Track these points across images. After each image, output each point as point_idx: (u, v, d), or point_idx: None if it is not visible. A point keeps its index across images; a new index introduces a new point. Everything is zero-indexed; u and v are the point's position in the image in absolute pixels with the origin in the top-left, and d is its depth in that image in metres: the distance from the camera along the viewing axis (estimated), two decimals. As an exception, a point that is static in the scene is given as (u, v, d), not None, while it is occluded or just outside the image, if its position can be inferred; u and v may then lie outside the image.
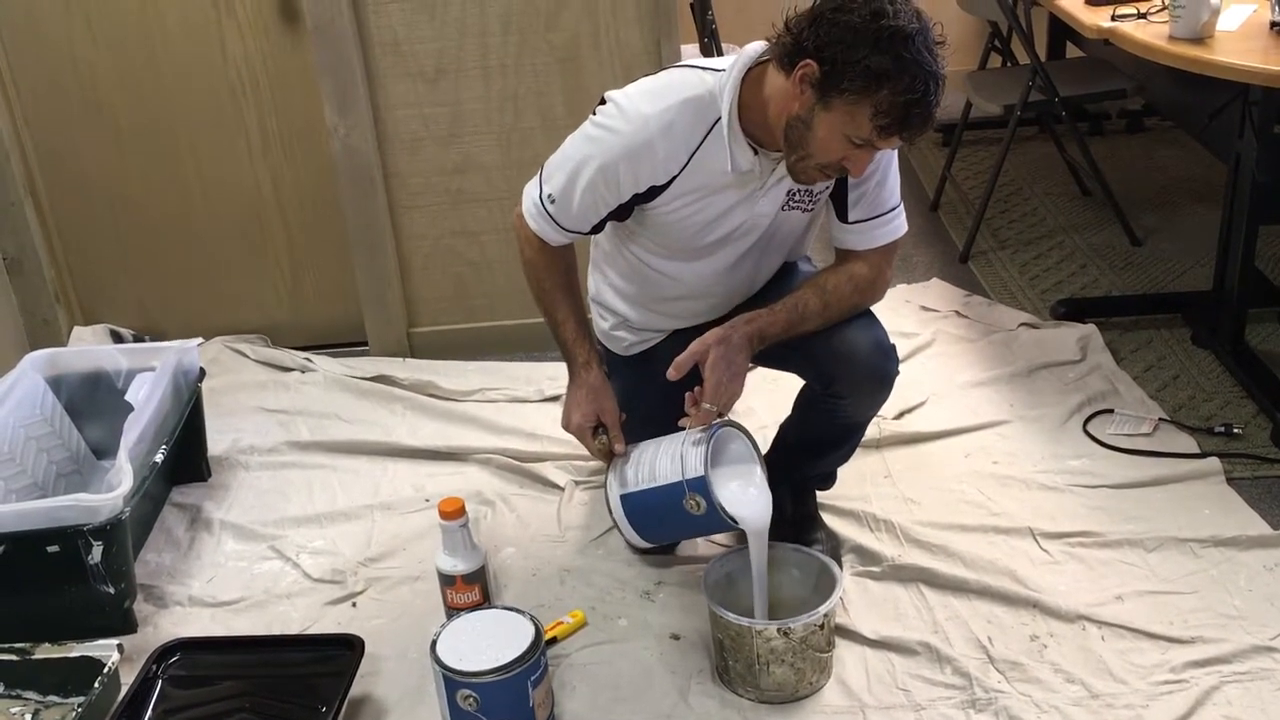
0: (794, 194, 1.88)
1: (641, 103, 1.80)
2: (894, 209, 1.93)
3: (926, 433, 2.50)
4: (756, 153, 1.80)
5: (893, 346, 1.95)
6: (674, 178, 1.82)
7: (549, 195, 1.89)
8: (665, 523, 1.92)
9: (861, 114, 1.64)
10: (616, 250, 2.04)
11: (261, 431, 2.67)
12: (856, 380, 1.92)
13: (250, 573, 2.24)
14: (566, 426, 1.98)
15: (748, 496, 1.85)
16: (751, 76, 1.77)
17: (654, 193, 1.84)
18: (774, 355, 1.95)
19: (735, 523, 1.82)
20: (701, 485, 1.81)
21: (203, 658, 1.96)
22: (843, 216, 1.92)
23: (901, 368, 1.99)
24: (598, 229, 1.93)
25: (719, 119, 1.78)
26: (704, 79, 1.80)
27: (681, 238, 1.92)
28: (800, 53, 1.66)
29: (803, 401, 2.07)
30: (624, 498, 1.91)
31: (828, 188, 1.91)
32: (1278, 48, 2.32)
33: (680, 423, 1.86)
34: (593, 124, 1.84)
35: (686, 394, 1.84)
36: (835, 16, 1.63)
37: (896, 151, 1.87)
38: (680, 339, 2.02)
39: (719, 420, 1.85)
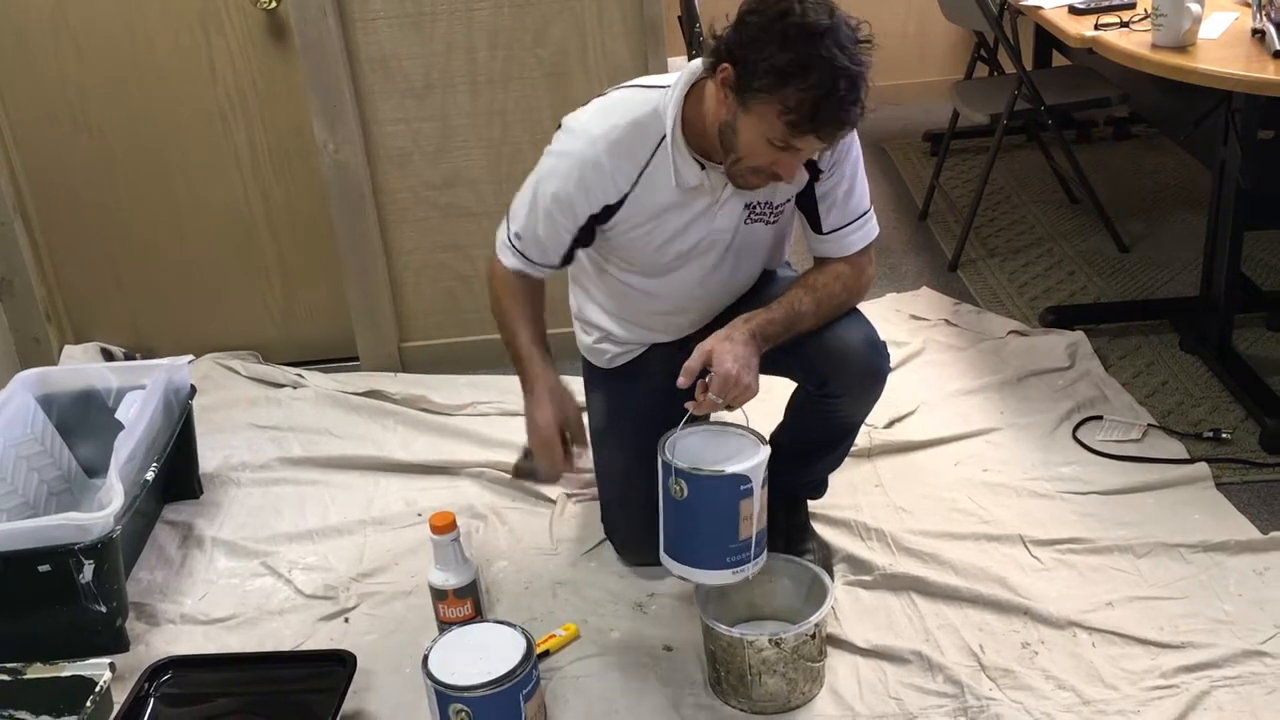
0: (753, 207, 1.89)
1: (590, 123, 1.83)
2: (865, 214, 1.95)
3: (917, 441, 2.50)
4: (704, 168, 1.82)
5: (884, 343, 1.96)
6: (625, 195, 1.84)
7: (515, 233, 1.94)
8: (693, 530, 1.83)
9: (772, 113, 1.64)
10: (596, 271, 2.06)
11: (253, 448, 2.67)
12: (850, 378, 1.93)
13: (242, 589, 2.24)
14: (534, 436, 1.92)
15: (717, 451, 1.81)
16: (695, 91, 1.80)
17: (609, 212, 1.86)
18: (766, 359, 1.94)
19: (719, 476, 1.76)
20: (670, 468, 1.78)
21: (195, 675, 1.96)
22: (816, 228, 1.94)
23: (891, 377, 2.00)
24: (568, 259, 1.96)
25: (664, 136, 1.80)
26: (649, 97, 1.82)
27: (645, 255, 1.95)
28: (719, 56, 1.68)
29: (795, 405, 2.07)
30: (665, 550, 1.88)
31: (789, 200, 1.92)
32: (1259, 55, 2.34)
33: (685, 405, 1.81)
34: (547, 154, 1.88)
35: (699, 382, 1.80)
36: (747, 18, 1.65)
37: (860, 158, 1.89)
38: (659, 350, 2.05)
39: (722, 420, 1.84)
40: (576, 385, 2.16)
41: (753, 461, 1.77)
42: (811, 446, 2.10)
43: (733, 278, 2.02)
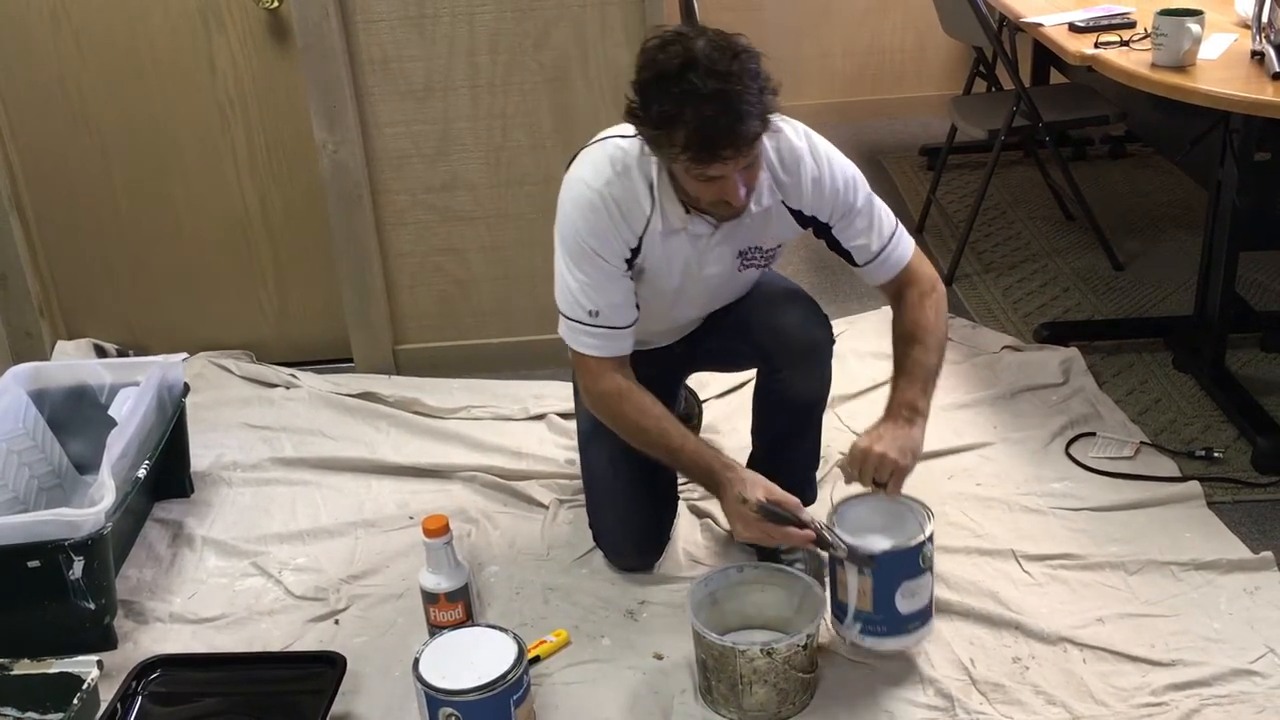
0: (746, 254, 1.96)
1: (584, 172, 1.88)
2: (893, 234, 1.99)
3: (910, 454, 2.50)
4: (689, 211, 1.87)
5: (824, 316, 2.05)
6: (641, 237, 1.88)
7: (590, 312, 1.90)
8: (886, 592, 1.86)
9: (677, 158, 1.71)
10: None
11: (245, 447, 2.66)
12: (790, 350, 1.99)
13: (232, 589, 2.23)
14: (748, 534, 1.88)
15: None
16: None
17: (635, 254, 1.90)
18: (728, 353, 2.09)
19: (864, 554, 1.83)
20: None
21: (183, 674, 1.95)
22: (853, 262, 2.00)
23: (886, 390, 2.00)
24: (637, 304, 1.96)
25: (652, 181, 1.85)
26: (623, 147, 1.87)
27: (652, 296, 1.97)
28: (632, 116, 1.75)
29: (757, 396, 2.16)
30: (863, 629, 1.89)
31: (780, 245, 2.00)
32: (1258, 76, 2.35)
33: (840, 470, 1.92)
34: (560, 207, 1.91)
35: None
36: (632, 86, 1.73)
37: (869, 196, 1.94)
38: (643, 355, 2.07)
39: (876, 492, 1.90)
40: (563, 390, 2.16)
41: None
42: (779, 436, 2.17)
43: (720, 303, 2.10)
